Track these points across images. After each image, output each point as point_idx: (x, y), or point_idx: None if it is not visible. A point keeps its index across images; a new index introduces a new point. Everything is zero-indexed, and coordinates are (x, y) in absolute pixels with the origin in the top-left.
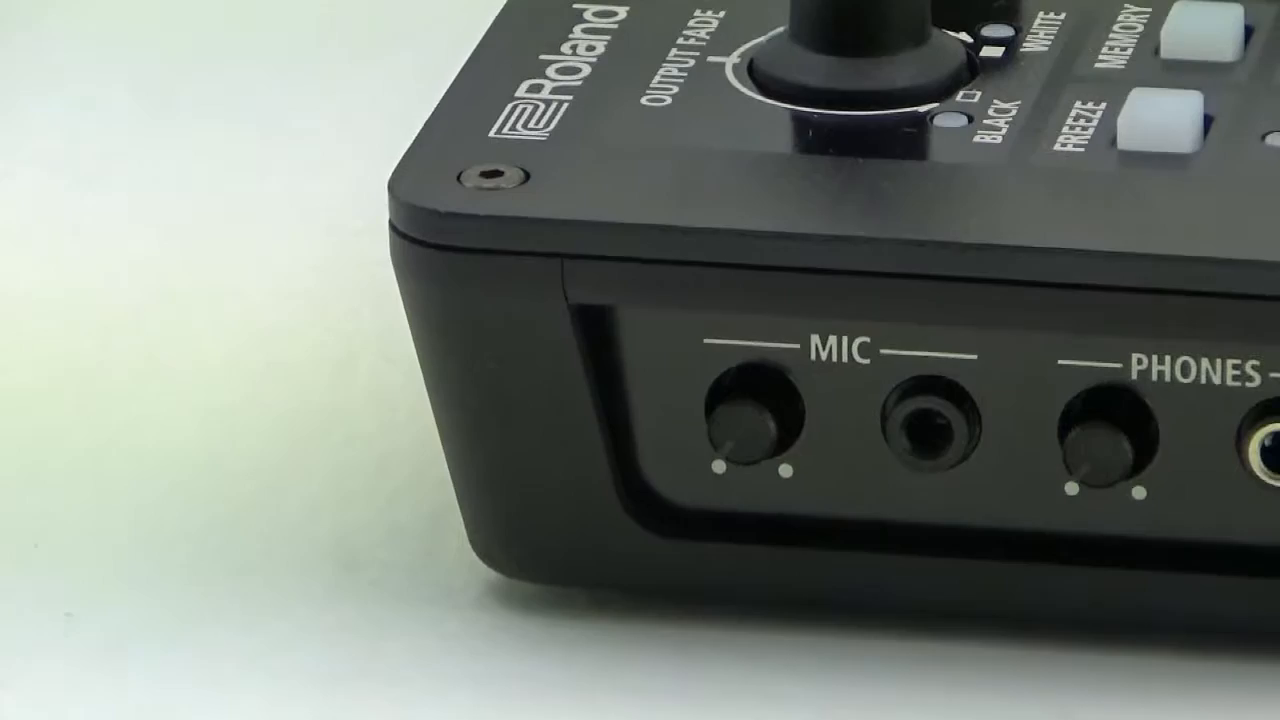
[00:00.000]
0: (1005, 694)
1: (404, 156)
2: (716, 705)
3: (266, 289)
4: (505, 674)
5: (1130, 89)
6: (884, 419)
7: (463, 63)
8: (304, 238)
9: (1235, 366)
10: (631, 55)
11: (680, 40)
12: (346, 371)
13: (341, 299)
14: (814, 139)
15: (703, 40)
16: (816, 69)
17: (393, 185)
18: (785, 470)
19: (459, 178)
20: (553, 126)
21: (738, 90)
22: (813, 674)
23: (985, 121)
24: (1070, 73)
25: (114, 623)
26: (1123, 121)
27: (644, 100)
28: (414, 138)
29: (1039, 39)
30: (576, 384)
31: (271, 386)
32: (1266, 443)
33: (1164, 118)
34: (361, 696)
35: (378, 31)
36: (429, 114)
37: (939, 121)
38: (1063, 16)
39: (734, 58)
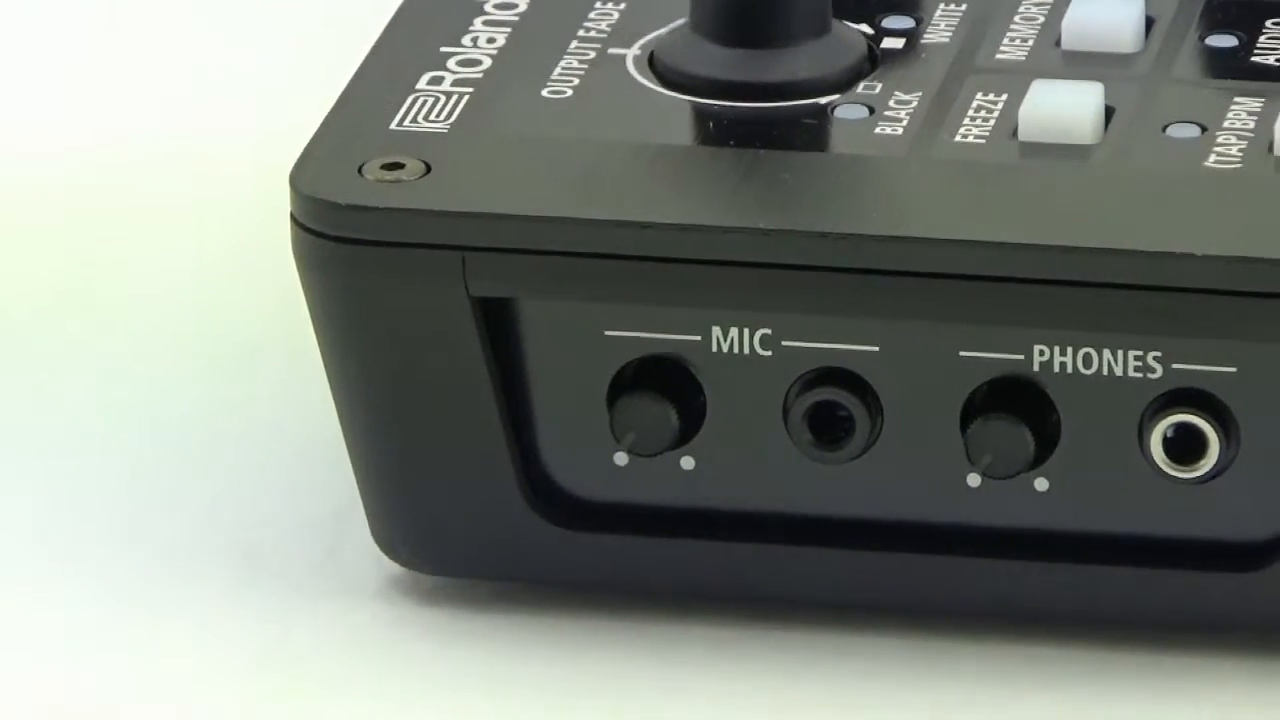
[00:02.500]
0: (907, 685)
1: (305, 149)
2: (618, 697)
3: (171, 283)
4: (409, 666)
5: (1031, 80)
6: (785, 411)
7: (364, 55)
8: (208, 231)
9: (1137, 358)
10: (532, 47)
11: (581, 32)
12: (252, 364)
13: (248, 291)
14: (715, 131)
15: (603, 32)
16: (717, 61)
17: (294, 178)
18: (687, 462)
19: (360, 170)
20: (454, 118)
21: (638, 82)
22: (715, 666)
23: (886, 113)
24: (971, 64)
25: (15, 617)
26: (1024, 113)
27: (545, 92)
28: (316, 130)
29: (940, 30)
30: (478, 376)
31: (176, 379)
32: (1169, 434)
33: (1065, 109)
34: (265, 688)
35: (278, 23)
36: (330, 106)
37: (840, 113)
38: (963, 8)
39: (635, 49)
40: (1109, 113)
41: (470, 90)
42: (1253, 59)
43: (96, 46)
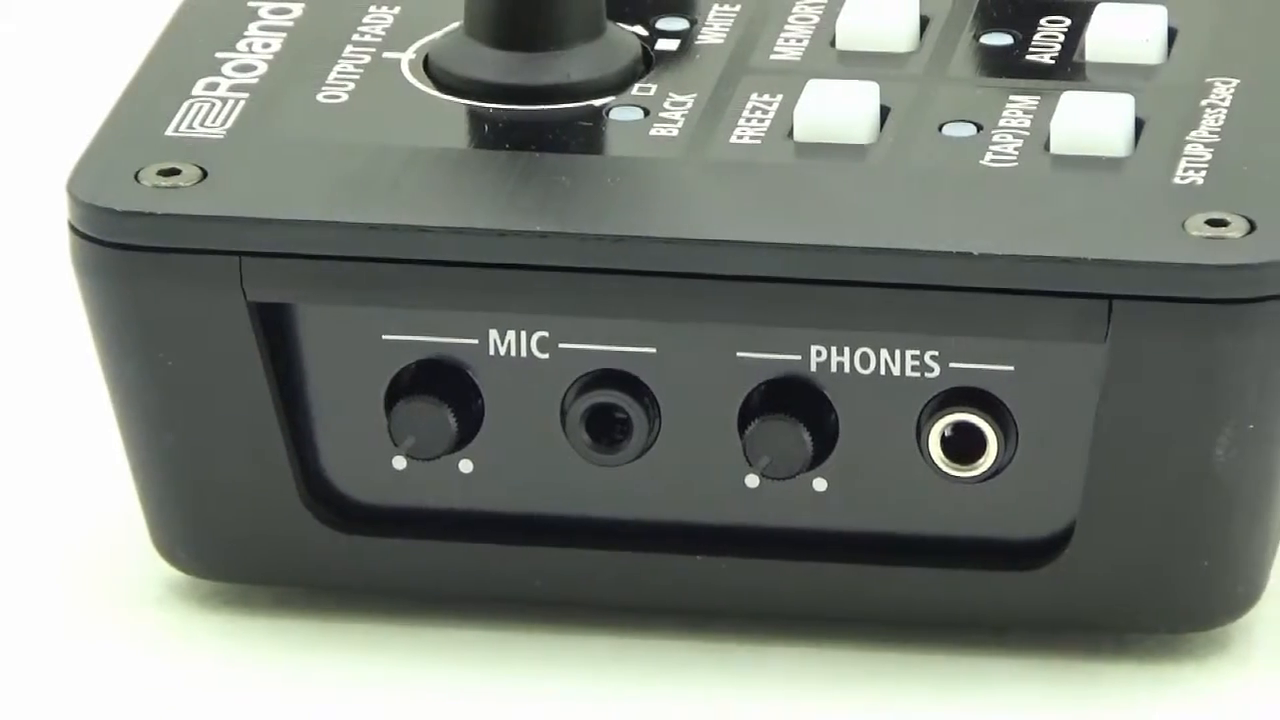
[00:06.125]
0: (685, 685)
1: (81, 156)
2: (398, 701)
3: None
4: (187, 670)
5: (806, 80)
6: (563, 413)
7: (140, 61)
8: None
9: (915, 357)
10: (308, 52)
11: (356, 37)
12: (28, 369)
13: (24, 297)
14: (490, 134)
15: (378, 36)
16: (491, 64)
17: (71, 185)
18: (466, 466)
19: (137, 176)
20: (230, 124)
21: (414, 86)
22: (496, 668)
23: (661, 114)
24: (746, 65)
25: None
26: (799, 113)
27: (320, 97)
28: (92, 137)
29: (714, 31)
30: (256, 381)
31: None
32: (947, 433)
33: (840, 109)
34: (41, 693)
35: (52, 30)
36: (106, 113)
37: (614, 115)
38: (738, 9)
39: (410, 54)
40: (884, 112)
41: (246, 95)
42: (1028, 57)
43: None
